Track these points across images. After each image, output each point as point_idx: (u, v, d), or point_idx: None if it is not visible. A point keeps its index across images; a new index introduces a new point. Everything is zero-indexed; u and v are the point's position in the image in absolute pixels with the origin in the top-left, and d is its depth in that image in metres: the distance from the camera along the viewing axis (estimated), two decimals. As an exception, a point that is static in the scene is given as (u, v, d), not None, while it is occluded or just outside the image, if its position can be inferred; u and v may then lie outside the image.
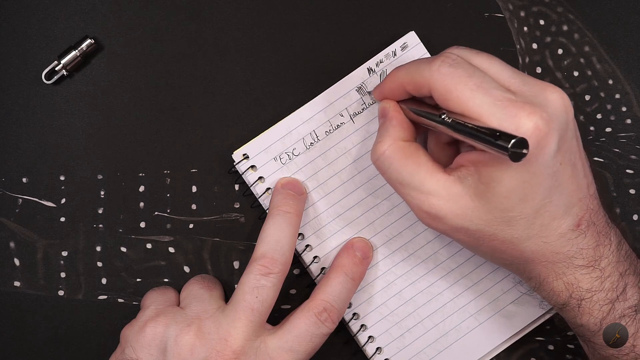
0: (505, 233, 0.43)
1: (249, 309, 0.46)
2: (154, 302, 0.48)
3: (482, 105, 0.40)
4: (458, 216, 0.42)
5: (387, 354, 0.51)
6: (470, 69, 0.41)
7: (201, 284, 0.49)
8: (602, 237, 0.44)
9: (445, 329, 0.51)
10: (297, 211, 0.49)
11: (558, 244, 0.43)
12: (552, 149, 0.40)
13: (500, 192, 0.41)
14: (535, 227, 0.42)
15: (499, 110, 0.40)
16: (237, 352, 0.45)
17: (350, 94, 0.51)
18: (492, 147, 0.38)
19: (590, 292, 0.44)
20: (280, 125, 0.51)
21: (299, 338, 0.46)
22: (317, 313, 0.47)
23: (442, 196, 0.42)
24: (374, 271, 0.51)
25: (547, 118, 0.40)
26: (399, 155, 0.44)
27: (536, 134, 0.39)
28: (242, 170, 0.51)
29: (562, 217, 0.42)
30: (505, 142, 0.38)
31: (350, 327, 0.51)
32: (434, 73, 0.42)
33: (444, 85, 0.41)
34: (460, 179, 0.42)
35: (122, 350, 0.47)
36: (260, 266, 0.46)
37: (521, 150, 0.38)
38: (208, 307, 0.47)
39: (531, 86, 0.41)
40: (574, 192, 0.43)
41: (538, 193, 0.41)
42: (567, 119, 0.41)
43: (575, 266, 0.43)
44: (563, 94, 0.41)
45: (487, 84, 0.41)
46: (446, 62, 0.42)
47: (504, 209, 0.42)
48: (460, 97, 0.41)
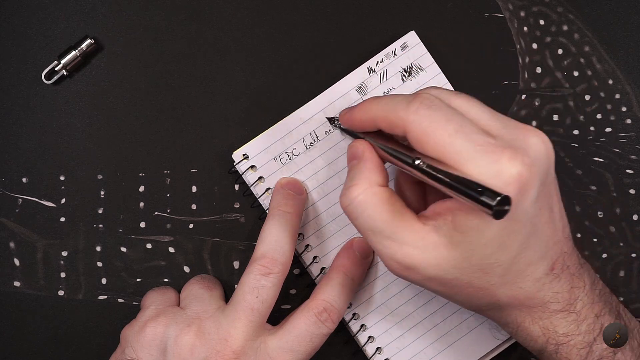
0: (481, 280, 0.41)
1: (249, 309, 0.46)
2: (154, 302, 0.48)
3: (462, 151, 0.38)
4: (432, 266, 0.40)
5: (387, 354, 0.51)
6: (449, 112, 0.39)
7: (201, 284, 0.49)
8: (575, 279, 0.43)
9: (445, 329, 0.51)
10: (297, 211, 0.49)
11: (533, 288, 0.42)
12: (533, 195, 0.39)
13: (478, 241, 0.39)
14: (511, 274, 0.41)
15: (480, 156, 0.38)
16: (237, 352, 0.45)
17: (350, 94, 0.51)
18: (475, 202, 0.37)
19: (567, 336, 0.43)
20: (280, 125, 0.51)
21: (299, 338, 0.46)
22: (317, 313, 0.47)
23: (418, 246, 0.40)
24: (374, 271, 0.51)
25: (529, 163, 0.38)
26: (374, 201, 0.41)
27: (518, 181, 0.38)
28: (242, 170, 0.51)
29: (537, 262, 0.41)
30: (489, 199, 0.36)
31: (350, 327, 0.51)
32: (410, 114, 0.40)
33: (422, 129, 0.39)
34: (435, 228, 0.40)
35: (122, 350, 0.47)
36: (260, 266, 0.46)
37: (503, 207, 0.36)
38: (208, 307, 0.47)
39: (512, 129, 0.40)
40: (550, 237, 0.42)
41: (516, 240, 0.40)
42: (548, 163, 0.40)
43: (551, 311, 0.43)
44: (544, 137, 0.40)
45: (466, 128, 0.39)
46: (425, 103, 0.40)
47: (482, 257, 0.40)
48: (438, 142, 0.39)
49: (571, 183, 0.53)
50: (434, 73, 0.51)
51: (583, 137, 0.53)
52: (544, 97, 0.53)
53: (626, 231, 0.53)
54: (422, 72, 0.51)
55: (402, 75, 0.51)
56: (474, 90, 0.52)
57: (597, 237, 0.53)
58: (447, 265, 0.40)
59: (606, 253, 0.53)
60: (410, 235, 0.41)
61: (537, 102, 0.53)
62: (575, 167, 0.53)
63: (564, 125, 0.53)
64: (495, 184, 0.37)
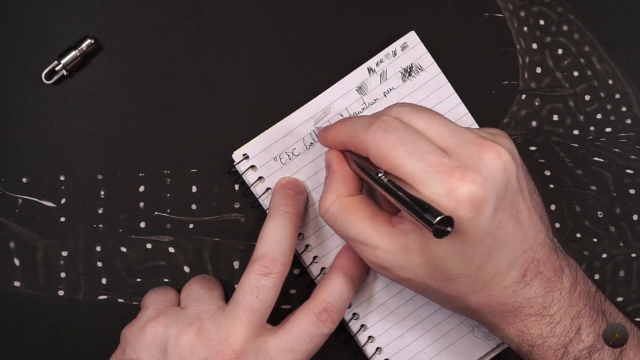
0: (449, 288, 0.43)
1: (249, 309, 0.46)
2: (154, 302, 0.48)
3: (414, 173, 0.40)
4: (403, 269, 0.43)
5: (387, 354, 0.51)
6: (404, 133, 0.41)
7: (201, 284, 0.49)
8: (551, 283, 0.43)
9: (445, 329, 0.51)
10: (297, 211, 0.49)
11: (504, 296, 0.43)
12: (489, 211, 0.40)
13: (439, 252, 0.41)
14: (479, 283, 0.42)
15: (430, 177, 0.40)
16: (237, 352, 0.45)
17: (351, 94, 0.51)
18: (419, 219, 0.38)
19: (541, 338, 0.44)
20: (280, 125, 0.51)
21: (300, 338, 0.46)
22: (318, 313, 0.47)
23: (388, 250, 0.43)
24: (373, 271, 0.51)
25: (482, 181, 0.40)
26: (343, 212, 0.44)
27: (470, 200, 0.39)
28: (242, 170, 0.51)
29: (505, 271, 0.42)
30: (431, 217, 0.37)
31: (350, 327, 0.51)
32: (368, 138, 0.42)
33: (378, 152, 0.41)
34: (404, 232, 0.42)
35: (122, 350, 0.47)
36: (260, 266, 0.46)
37: (445, 228, 0.38)
38: (208, 307, 0.47)
39: (468, 146, 0.41)
40: (517, 245, 0.42)
41: (477, 253, 0.41)
42: (505, 177, 0.41)
43: (524, 315, 0.43)
44: (501, 151, 0.41)
45: (419, 149, 0.40)
46: (382, 127, 0.42)
47: (445, 267, 0.42)
48: (392, 164, 0.41)
49: (571, 183, 0.53)
50: (433, 73, 0.51)
51: (583, 137, 0.53)
52: (544, 97, 0.53)
53: (626, 231, 0.53)
54: (422, 72, 0.51)
55: (402, 75, 0.51)
56: (474, 90, 0.52)
57: (597, 237, 0.53)
58: (416, 270, 0.43)
59: (606, 253, 0.53)
60: (380, 240, 0.43)
61: (537, 102, 0.53)
62: (575, 167, 0.53)
63: (564, 125, 0.53)
64: (446, 204, 0.39)
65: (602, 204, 0.53)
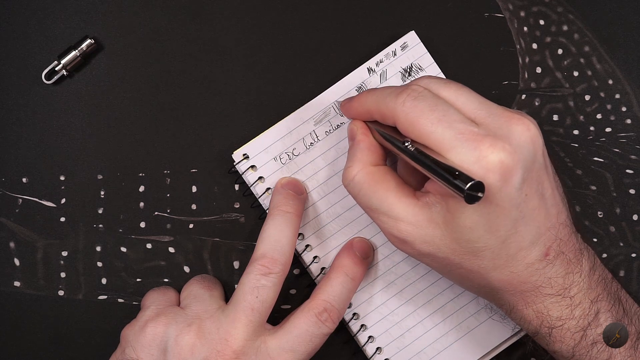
0: (471, 263, 0.42)
1: (249, 309, 0.46)
2: (154, 302, 0.48)
3: (443, 139, 0.40)
4: (426, 243, 0.42)
5: (387, 354, 0.51)
6: (434, 101, 0.41)
7: (201, 284, 0.49)
8: (572, 265, 0.43)
9: (445, 329, 0.51)
10: (297, 211, 0.49)
11: (525, 273, 0.43)
12: (516, 181, 0.40)
13: (464, 224, 0.41)
14: (502, 258, 0.42)
15: (460, 144, 0.40)
16: (237, 352, 0.45)
17: (351, 94, 0.51)
18: (449, 185, 0.38)
19: (560, 320, 0.43)
20: (280, 125, 0.51)
21: (299, 338, 0.46)
22: (318, 313, 0.47)
23: (410, 222, 0.42)
24: (374, 271, 0.51)
25: (511, 151, 0.40)
26: (368, 180, 0.44)
27: (499, 167, 0.39)
28: (242, 170, 0.51)
29: (528, 247, 0.42)
30: (462, 184, 0.37)
31: (350, 327, 0.51)
32: (398, 106, 0.42)
33: (407, 119, 0.41)
34: (428, 205, 0.42)
35: (123, 350, 0.47)
36: (260, 266, 0.46)
37: (476, 194, 0.38)
38: (208, 307, 0.47)
39: (497, 117, 0.41)
40: (541, 222, 0.42)
41: (503, 225, 0.41)
42: (533, 150, 0.41)
43: (544, 295, 0.43)
44: (530, 125, 0.41)
45: (449, 117, 0.40)
46: (411, 95, 0.42)
47: (469, 240, 0.41)
48: (421, 131, 0.41)
49: (571, 183, 0.53)
50: (433, 73, 0.51)
51: (583, 137, 0.53)
52: (544, 97, 0.53)
53: (626, 231, 0.53)
54: (422, 72, 0.51)
55: (402, 75, 0.51)
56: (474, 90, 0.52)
57: (597, 237, 0.53)
58: (439, 243, 0.42)
59: (606, 253, 0.53)
60: (404, 211, 0.43)
61: (537, 102, 0.53)
62: (575, 167, 0.53)
63: (564, 125, 0.53)
64: (476, 170, 0.39)
65: (602, 204, 0.53)
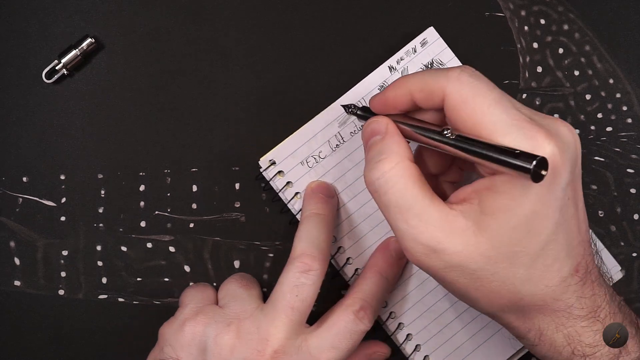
0: (507, 272, 0.39)
1: (289, 308, 0.45)
2: (193, 300, 0.48)
3: (498, 122, 0.37)
4: (458, 253, 0.38)
5: (426, 351, 0.51)
6: (490, 83, 0.39)
7: (239, 282, 0.49)
8: (597, 287, 0.41)
9: (484, 321, 0.50)
10: (330, 213, 0.48)
11: (559, 289, 0.40)
12: (564, 179, 0.38)
13: (507, 222, 0.38)
14: (538, 268, 0.39)
15: (516, 130, 0.37)
16: (278, 352, 0.45)
17: (373, 93, 0.50)
18: (509, 167, 0.36)
19: (593, 347, 0.41)
20: (305, 128, 0.51)
21: (339, 335, 0.45)
22: (355, 311, 0.46)
23: (444, 229, 0.38)
24: (408, 269, 0.51)
25: (562, 147, 0.38)
26: (406, 175, 0.39)
27: (552, 160, 0.37)
28: (269, 177, 0.51)
29: (564, 259, 0.39)
30: (526, 162, 0.35)
31: (388, 326, 0.51)
32: (452, 80, 0.39)
33: (461, 95, 0.38)
34: (462, 213, 0.39)
35: (161, 348, 0.47)
36: (300, 264, 0.45)
37: (540, 171, 0.35)
38: (247, 306, 0.47)
39: (543, 117, 0.39)
40: (574, 235, 0.40)
41: (546, 227, 0.38)
42: (576, 153, 0.39)
43: (575, 317, 0.40)
44: (574, 130, 0.40)
45: (506, 102, 0.38)
46: (466, 71, 0.39)
47: (509, 242, 0.38)
48: (475, 110, 0.38)
49: (572, 182, 0.53)
50: None
51: (584, 137, 0.53)
52: (544, 97, 0.53)
53: (627, 230, 0.53)
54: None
55: None
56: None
57: (598, 237, 0.53)
58: (473, 252, 0.38)
59: (607, 252, 0.53)
60: (438, 216, 0.39)
61: (538, 102, 0.53)
62: (575, 166, 0.53)
63: (565, 124, 0.53)
64: None
65: (602, 204, 0.53)
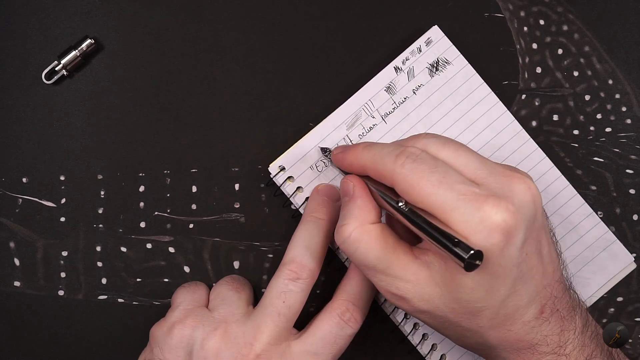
0: (470, 322, 0.42)
1: (275, 314, 0.46)
2: (183, 302, 0.48)
3: (445, 201, 0.39)
4: (424, 301, 0.42)
5: (443, 350, 0.51)
6: (433, 163, 0.41)
7: (230, 285, 0.49)
8: (566, 322, 0.43)
9: None
10: (330, 218, 0.48)
11: (522, 331, 0.42)
12: (518, 241, 0.40)
13: (466, 284, 0.41)
14: (500, 317, 0.42)
15: (463, 205, 0.39)
16: (261, 356, 0.45)
17: (380, 95, 0.51)
18: (448, 252, 0.38)
19: None
20: (314, 133, 0.51)
21: (324, 341, 0.46)
22: (340, 314, 0.46)
23: (409, 280, 0.42)
24: None
25: (514, 210, 0.39)
26: (365, 239, 0.43)
27: (503, 227, 0.39)
28: (279, 182, 0.51)
29: (526, 306, 0.42)
30: (463, 252, 0.37)
31: (404, 327, 0.51)
32: (397, 168, 0.41)
33: (407, 182, 0.41)
34: (427, 264, 0.42)
35: (151, 349, 0.47)
36: (289, 271, 0.46)
37: (474, 262, 0.38)
38: (235, 310, 0.47)
39: (498, 177, 0.41)
40: (538, 281, 0.42)
41: (503, 285, 0.41)
42: (534, 209, 0.41)
43: (540, 353, 0.43)
44: (531, 184, 0.41)
45: (449, 179, 0.40)
46: (410, 157, 0.41)
47: (469, 300, 0.41)
48: (422, 193, 0.40)
49: (571, 183, 0.53)
50: (460, 65, 0.51)
51: (583, 137, 0.53)
52: (544, 97, 0.53)
53: (626, 231, 0.53)
54: (449, 66, 0.51)
55: (430, 70, 0.51)
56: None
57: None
58: (437, 302, 0.42)
59: (606, 253, 0.53)
60: (402, 270, 0.42)
61: (537, 102, 0.53)
62: (575, 167, 0.53)
63: (564, 125, 0.53)
64: (480, 230, 0.39)
65: (602, 204, 0.53)
